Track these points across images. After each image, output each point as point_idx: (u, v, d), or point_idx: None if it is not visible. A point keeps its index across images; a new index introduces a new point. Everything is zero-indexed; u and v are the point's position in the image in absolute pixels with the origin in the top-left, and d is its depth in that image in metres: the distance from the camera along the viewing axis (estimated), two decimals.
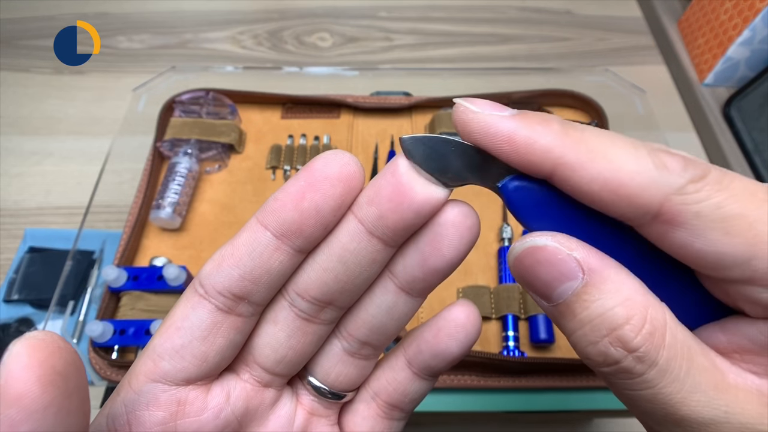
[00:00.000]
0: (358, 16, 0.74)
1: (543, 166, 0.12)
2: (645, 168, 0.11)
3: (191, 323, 0.14)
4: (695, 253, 0.11)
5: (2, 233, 0.52)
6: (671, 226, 0.11)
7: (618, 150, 0.11)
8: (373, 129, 0.42)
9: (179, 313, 0.14)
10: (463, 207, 0.14)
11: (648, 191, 0.11)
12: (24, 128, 0.60)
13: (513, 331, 0.32)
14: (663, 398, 0.12)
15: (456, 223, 0.14)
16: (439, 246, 0.14)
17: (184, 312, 0.14)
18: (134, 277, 0.32)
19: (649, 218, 0.11)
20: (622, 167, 0.11)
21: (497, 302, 0.33)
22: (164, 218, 0.35)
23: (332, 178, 0.13)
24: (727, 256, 0.11)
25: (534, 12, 0.75)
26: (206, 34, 0.71)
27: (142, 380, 0.14)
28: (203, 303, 0.14)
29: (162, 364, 0.14)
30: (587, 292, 0.12)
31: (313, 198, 0.13)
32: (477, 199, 0.38)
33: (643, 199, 0.11)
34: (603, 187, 0.11)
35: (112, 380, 0.30)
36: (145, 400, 0.14)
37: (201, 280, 0.14)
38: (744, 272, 0.11)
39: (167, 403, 0.14)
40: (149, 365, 0.14)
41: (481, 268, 0.35)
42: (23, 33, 0.69)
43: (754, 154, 0.55)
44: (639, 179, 0.11)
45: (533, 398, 0.31)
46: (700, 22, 0.63)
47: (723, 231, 0.11)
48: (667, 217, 0.11)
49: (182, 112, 0.40)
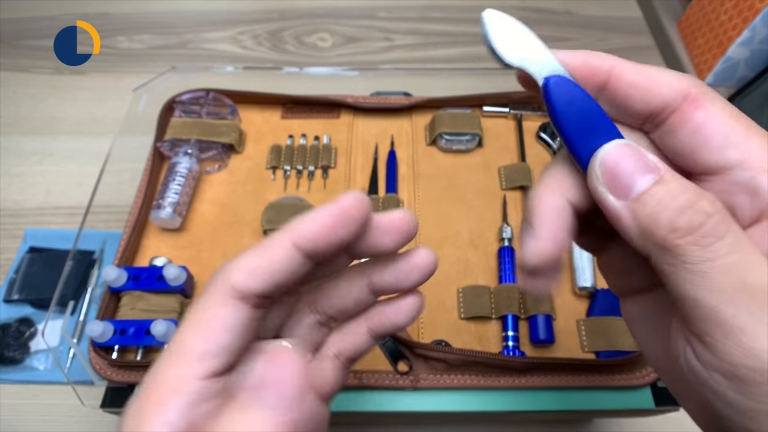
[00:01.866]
0: (358, 17, 0.74)
1: (603, 67, 0.16)
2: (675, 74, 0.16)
3: (234, 323, 0.16)
4: (707, 135, 0.15)
5: (2, 233, 0.52)
6: (695, 107, 0.15)
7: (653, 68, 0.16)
8: (373, 129, 0.42)
9: (220, 315, 0.16)
10: (429, 252, 0.19)
11: (679, 82, 0.16)
12: (24, 128, 0.60)
13: (513, 331, 0.32)
14: (731, 267, 0.13)
15: (422, 265, 0.19)
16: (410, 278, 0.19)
17: (224, 314, 0.16)
18: (134, 277, 0.32)
19: (680, 100, 0.16)
20: (658, 71, 0.16)
21: (497, 302, 0.33)
22: (164, 218, 0.35)
23: (357, 219, 0.16)
24: (730, 137, 0.15)
25: (534, 12, 0.75)
26: (206, 35, 0.71)
27: (194, 382, 0.15)
28: (241, 305, 0.16)
29: (211, 363, 0.16)
30: (667, 181, 0.14)
31: (340, 234, 0.16)
32: (477, 199, 0.38)
33: (676, 85, 0.16)
34: (648, 78, 0.16)
35: (113, 380, 0.30)
36: (202, 398, 0.15)
37: (236, 285, 0.16)
38: (741, 153, 0.15)
39: (217, 395, 0.16)
40: (197, 367, 0.16)
41: (481, 268, 0.35)
42: (24, 33, 0.69)
43: None
44: (671, 76, 0.16)
45: (533, 398, 0.31)
46: (700, 22, 0.63)
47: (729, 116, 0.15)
48: (692, 99, 0.16)
49: (182, 112, 0.40)
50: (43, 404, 0.43)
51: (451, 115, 0.41)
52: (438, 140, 0.41)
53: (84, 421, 0.43)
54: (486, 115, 0.43)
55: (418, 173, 0.40)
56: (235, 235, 0.36)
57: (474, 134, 0.40)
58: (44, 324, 0.34)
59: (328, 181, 0.39)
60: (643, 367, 0.31)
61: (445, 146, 0.40)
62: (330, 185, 0.39)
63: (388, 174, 0.39)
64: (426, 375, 0.31)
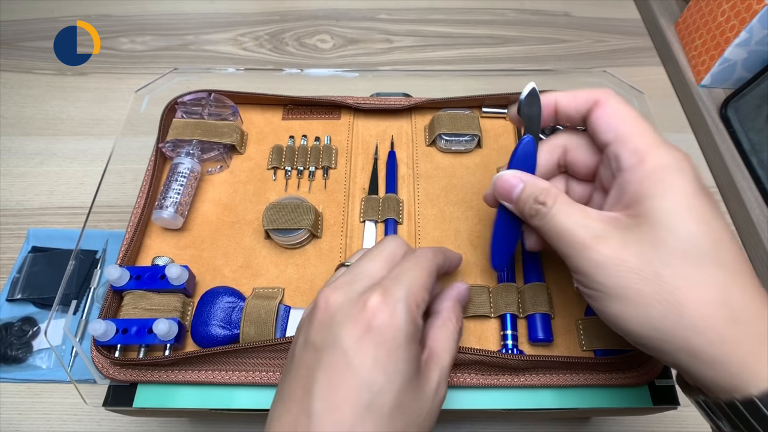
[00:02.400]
0: (358, 18, 0.74)
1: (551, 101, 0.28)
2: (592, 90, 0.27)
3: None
4: (599, 124, 0.26)
5: (6, 233, 0.52)
6: (597, 107, 0.26)
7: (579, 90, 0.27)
8: (373, 130, 0.43)
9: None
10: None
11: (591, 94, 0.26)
12: (27, 129, 0.60)
13: (511, 330, 0.32)
14: (558, 223, 0.25)
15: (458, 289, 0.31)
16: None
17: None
18: (137, 276, 0.32)
19: (592, 104, 0.26)
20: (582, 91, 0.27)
21: (496, 301, 0.33)
22: (166, 218, 0.35)
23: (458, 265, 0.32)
24: (612, 124, 0.25)
25: (532, 14, 0.76)
26: (208, 36, 0.71)
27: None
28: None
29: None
30: (525, 189, 0.27)
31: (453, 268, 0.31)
32: (476, 199, 0.39)
33: (590, 96, 0.26)
34: (574, 96, 0.27)
35: (115, 378, 0.30)
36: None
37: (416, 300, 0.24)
38: (614, 134, 0.25)
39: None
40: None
41: (480, 268, 0.35)
42: (26, 34, 0.70)
43: (751, 154, 0.55)
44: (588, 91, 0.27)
45: (532, 396, 0.31)
46: (698, 23, 0.64)
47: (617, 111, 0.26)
48: (598, 103, 0.26)
49: (184, 113, 0.41)
50: (45, 403, 0.43)
51: (451, 116, 0.41)
52: (437, 141, 0.41)
53: (86, 419, 0.43)
54: (485, 116, 0.43)
55: (417, 173, 0.40)
56: (237, 234, 0.37)
57: (473, 135, 0.40)
58: (47, 323, 0.34)
59: (329, 182, 0.40)
60: (641, 366, 0.31)
61: (444, 147, 0.41)
62: (330, 185, 0.39)
63: (388, 174, 0.40)
64: None
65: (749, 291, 0.21)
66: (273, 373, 0.31)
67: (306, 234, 0.35)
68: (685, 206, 0.22)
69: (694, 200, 0.22)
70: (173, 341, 0.30)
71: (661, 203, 0.22)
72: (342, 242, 0.36)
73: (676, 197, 0.22)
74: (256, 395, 0.31)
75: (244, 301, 0.32)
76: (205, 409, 0.31)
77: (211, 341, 0.31)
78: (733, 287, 0.21)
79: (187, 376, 0.31)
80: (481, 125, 0.42)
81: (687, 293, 0.21)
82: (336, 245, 0.36)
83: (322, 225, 0.37)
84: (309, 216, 0.35)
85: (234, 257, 0.36)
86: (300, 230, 0.35)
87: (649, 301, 0.22)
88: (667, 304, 0.21)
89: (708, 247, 0.21)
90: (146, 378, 0.31)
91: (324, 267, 0.35)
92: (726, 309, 0.21)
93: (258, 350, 0.30)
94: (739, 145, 0.56)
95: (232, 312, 0.32)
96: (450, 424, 0.43)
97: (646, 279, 0.22)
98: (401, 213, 0.38)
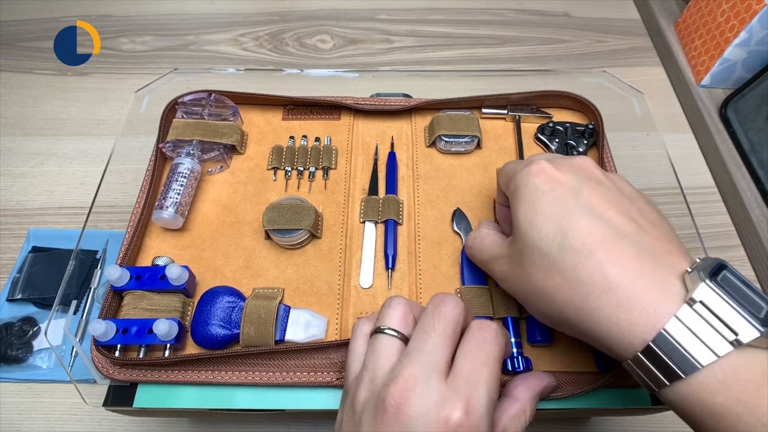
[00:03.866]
0: (358, 19, 0.74)
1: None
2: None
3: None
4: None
5: (6, 233, 0.52)
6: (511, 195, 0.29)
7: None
8: (373, 130, 0.43)
9: None
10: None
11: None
12: (27, 129, 0.60)
13: (514, 336, 0.32)
14: (477, 253, 0.32)
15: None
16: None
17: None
18: (137, 276, 0.32)
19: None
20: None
21: (495, 303, 0.33)
22: (167, 218, 0.35)
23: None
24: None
25: (532, 14, 0.76)
26: (208, 36, 0.71)
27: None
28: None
29: None
30: (467, 244, 0.33)
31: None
32: (476, 199, 0.39)
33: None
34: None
35: (115, 378, 0.31)
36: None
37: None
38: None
39: None
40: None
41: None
42: (26, 35, 0.70)
43: (751, 154, 0.55)
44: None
45: None
46: (697, 24, 0.64)
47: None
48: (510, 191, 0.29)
49: (184, 113, 0.41)
50: (45, 403, 0.43)
51: (450, 117, 0.41)
52: (437, 142, 0.41)
53: (86, 419, 0.43)
54: (485, 116, 0.43)
55: (417, 174, 0.40)
56: (237, 235, 0.37)
57: (473, 136, 0.40)
58: (47, 323, 0.34)
59: (329, 182, 0.40)
60: None
61: (444, 148, 0.41)
62: (330, 186, 0.39)
63: (388, 175, 0.40)
64: None
65: (612, 262, 0.23)
66: (273, 373, 0.31)
67: (306, 234, 0.35)
68: (533, 211, 0.26)
69: (540, 203, 0.26)
70: (173, 341, 0.30)
71: (517, 219, 0.27)
72: (342, 243, 0.36)
73: (525, 208, 0.26)
74: (256, 395, 0.31)
75: (244, 300, 0.32)
76: (205, 409, 0.31)
77: (211, 341, 0.31)
78: (586, 263, 0.23)
79: (187, 376, 0.31)
80: (481, 126, 0.42)
81: (546, 281, 0.25)
82: (336, 246, 0.36)
83: (322, 225, 0.37)
84: (309, 216, 0.35)
85: (234, 257, 0.36)
86: (300, 231, 0.35)
87: (531, 295, 0.26)
88: (538, 296, 0.26)
89: (559, 238, 0.24)
90: (146, 378, 0.31)
91: (324, 267, 0.35)
92: (577, 286, 0.23)
93: (258, 354, 0.30)
94: (739, 145, 0.56)
95: (232, 312, 0.32)
96: None
97: (526, 281, 0.26)
98: (401, 214, 0.38)
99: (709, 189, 0.58)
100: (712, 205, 0.57)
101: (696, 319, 0.21)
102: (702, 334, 0.21)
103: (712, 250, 0.53)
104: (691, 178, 0.59)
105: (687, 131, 0.63)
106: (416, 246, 0.36)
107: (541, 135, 0.41)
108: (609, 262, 0.23)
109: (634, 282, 0.22)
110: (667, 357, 0.21)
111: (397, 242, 0.36)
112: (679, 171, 0.40)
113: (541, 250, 0.25)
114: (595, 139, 0.41)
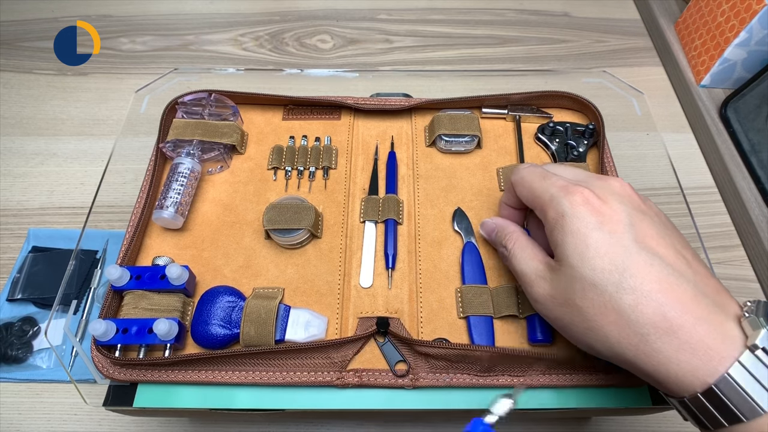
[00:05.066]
0: (358, 19, 0.74)
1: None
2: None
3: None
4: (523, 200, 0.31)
5: (6, 233, 0.52)
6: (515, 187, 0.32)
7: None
8: (373, 130, 0.43)
9: None
10: None
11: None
12: (27, 129, 0.60)
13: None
14: (515, 264, 0.30)
15: None
16: None
17: None
18: (137, 276, 0.32)
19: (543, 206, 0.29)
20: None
21: (496, 303, 0.33)
22: (167, 218, 0.35)
23: None
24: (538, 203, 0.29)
25: (532, 14, 0.76)
26: (208, 36, 0.71)
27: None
28: None
29: None
30: (497, 233, 0.33)
31: None
32: (477, 198, 0.39)
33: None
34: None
35: (115, 378, 0.31)
36: None
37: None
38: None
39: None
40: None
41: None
42: (26, 35, 0.70)
43: (751, 154, 0.55)
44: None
45: (532, 396, 0.31)
46: (697, 24, 0.64)
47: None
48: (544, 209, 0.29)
49: (185, 113, 0.41)
50: (45, 402, 0.43)
51: (451, 116, 0.41)
52: (437, 141, 0.41)
53: (86, 419, 0.43)
54: (485, 116, 0.43)
55: (417, 174, 0.40)
56: (237, 234, 0.37)
57: (473, 135, 0.40)
58: (47, 323, 0.34)
59: (329, 182, 0.40)
60: None
61: (444, 147, 0.41)
62: (331, 186, 0.39)
63: (388, 175, 0.40)
64: (425, 374, 0.31)
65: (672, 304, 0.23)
66: (273, 373, 0.31)
67: (306, 234, 0.35)
68: (584, 245, 0.25)
69: (592, 239, 0.25)
70: (173, 341, 0.30)
71: (563, 250, 0.26)
72: (342, 242, 0.36)
73: (574, 241, 0.26)
74: (256, 395, 0.31)
75: (244, 300, 0.32)
76: (205, 409, 0.31)
77: (212, 341, 0.31)
78: (646, 304, 0.24)
79: (187, 376, 0.31)
80: (481, 126, 0.42)
81: (599, 317, 0.25)
82: (336, 245, 0.36)
83: (322, 225, 0.37)
84: (309, 216, 0.35)
85: (234, 257, 0.36)
86: (300, 230, 0.35)
87: (578, 327, 0.26)
88: (588, 329, 0.25)
89: (616, 277, 0.24)
90: (146, 378, 0.31)
91: (324, 267, 0.35)
92: (636, 326, 0.24)
93: (258, 354, 0.30)
94: (739, 145, 0.56)
95: (232, 311, 0.32)
96: (450, 424, 0.43)
97: (575, 313, 0.26)
98: (401, 213, 0.38)
99: (709, 189, 0.58)
100: (712, 205, 0.57)
101: (758, 364, 0.22)
102: (764, 379, 0.22)
103: (712, 250, 0.53)
104: (691, 178, 0.59)
105: (687, 131, 0.63)
106: (416, 245, 0.36)
107: (542, 135, 0.41)
108: (669, 304, 0.23)
109: (695, 326, 0.23)
110: (729, 400, 0.22)
111: (398, 242, 0.36)
112: (679, 171, 0.40)
113: (595, 287, 0.25)
114: (595, 139, 0.41)
